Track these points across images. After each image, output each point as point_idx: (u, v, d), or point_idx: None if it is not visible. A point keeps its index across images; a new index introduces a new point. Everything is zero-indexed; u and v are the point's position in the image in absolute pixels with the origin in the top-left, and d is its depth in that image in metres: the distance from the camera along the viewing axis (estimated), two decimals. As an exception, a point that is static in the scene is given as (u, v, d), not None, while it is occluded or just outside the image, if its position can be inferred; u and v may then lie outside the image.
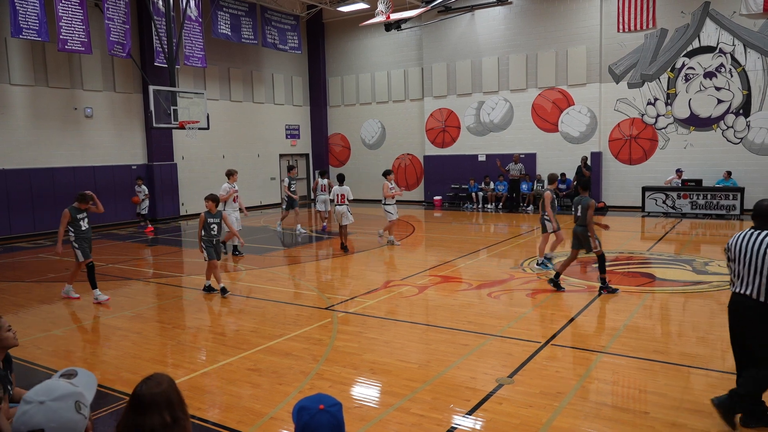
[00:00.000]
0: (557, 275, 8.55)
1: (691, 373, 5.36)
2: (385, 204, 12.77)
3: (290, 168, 15.63)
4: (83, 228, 8.55)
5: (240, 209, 11.88)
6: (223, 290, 8.73)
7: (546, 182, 10.16)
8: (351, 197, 12.57)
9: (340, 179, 12.96)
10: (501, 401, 4.80)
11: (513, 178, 19.22)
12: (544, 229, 10.28)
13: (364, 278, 9.91)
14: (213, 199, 8.89)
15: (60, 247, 8.54)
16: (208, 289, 8.93)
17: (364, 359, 5.89)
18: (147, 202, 16.89)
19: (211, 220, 8.78)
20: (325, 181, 15.63)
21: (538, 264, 10.14)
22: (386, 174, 12.87)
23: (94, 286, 8.62)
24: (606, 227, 9.06)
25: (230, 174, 11.73)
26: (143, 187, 16.74)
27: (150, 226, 16.68)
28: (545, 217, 10.12)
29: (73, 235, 8.53)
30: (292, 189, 15.11)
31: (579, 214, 8.37)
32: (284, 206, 15.48)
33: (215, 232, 8.82)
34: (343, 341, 6.46)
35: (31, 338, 6.87)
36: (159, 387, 2.06)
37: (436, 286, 9.00)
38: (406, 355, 5.98)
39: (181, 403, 2.11)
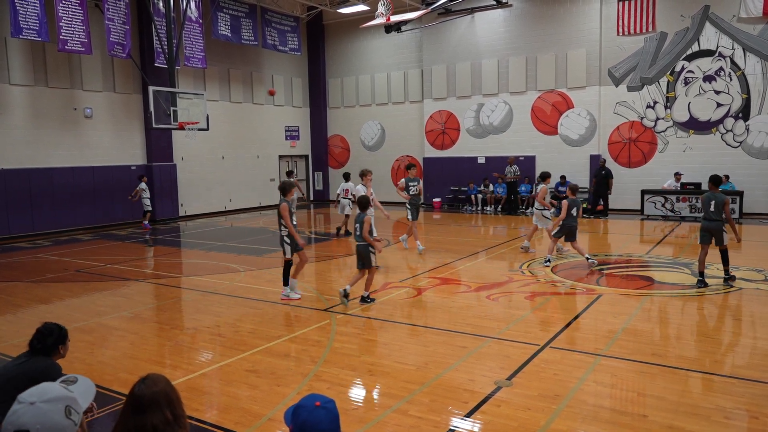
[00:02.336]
0: (702, 274, 8.70)
1: (689, 376, 5.36)
2: (542, 210, 11.54)
3: (409, 167, 12.32)
4: (293, 222, 8.24)
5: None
6: (366, 298, 8.03)
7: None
8: (353, 192, 13.39)
9: (346, 177, 14.80)
10: (499, 404, 4.80)
11: (509, 181, 19.20)
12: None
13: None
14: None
15: (300, 239, 8.18)
16: (365, 300, 8.07)
17: (363, 361, 5.89)
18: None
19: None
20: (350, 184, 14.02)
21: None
22: (544, 177, 11.60)
23: (286, 283, 8.41)
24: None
25: (363, 174, 11.07)
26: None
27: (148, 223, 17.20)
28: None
29: (285, 229, 8.13)
30: (412, 192, 12.03)
31: (712, 209, 8.51)
32: (409, 216, 12.08)
33: (359, 233, 7.92)
34: (341, 343, 6.45)
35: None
36: (157, 385, 2.07)
37: (434, 288, 8.99)
38: (404, 357, 5.98)
39: (179, 400, 2.13)
